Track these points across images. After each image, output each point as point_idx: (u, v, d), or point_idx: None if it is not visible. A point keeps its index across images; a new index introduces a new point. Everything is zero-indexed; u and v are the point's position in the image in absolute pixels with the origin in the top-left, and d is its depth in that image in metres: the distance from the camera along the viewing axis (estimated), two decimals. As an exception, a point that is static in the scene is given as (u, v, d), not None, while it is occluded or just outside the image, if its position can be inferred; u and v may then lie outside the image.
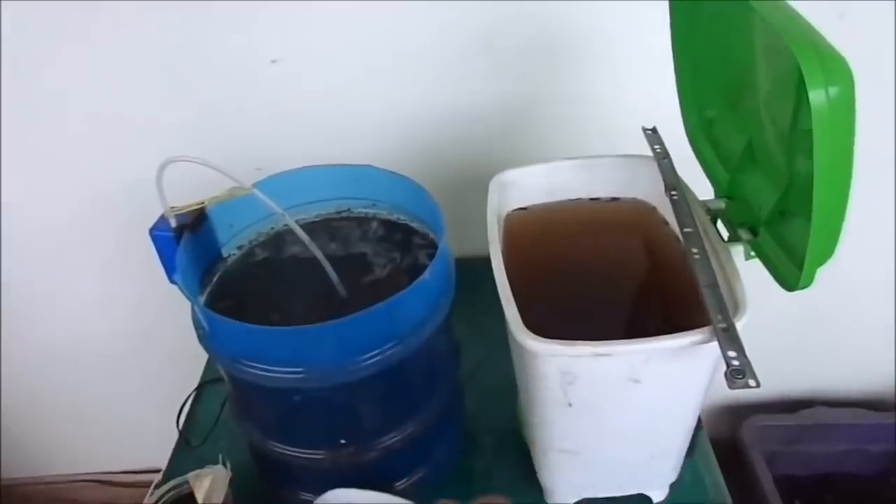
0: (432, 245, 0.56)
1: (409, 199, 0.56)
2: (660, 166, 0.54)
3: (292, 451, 0.52)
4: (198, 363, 0.73)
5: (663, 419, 0.48)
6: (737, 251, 0.47)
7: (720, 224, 0.51)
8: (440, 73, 0.70)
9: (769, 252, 0.45)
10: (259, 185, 0.49)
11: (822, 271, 0.40)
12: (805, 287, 0.41)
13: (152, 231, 0.50)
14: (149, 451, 0.99)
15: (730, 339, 0.39)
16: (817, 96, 0.31)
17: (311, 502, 0.52)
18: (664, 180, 0.52)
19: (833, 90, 0.31)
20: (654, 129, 0.57)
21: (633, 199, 0.58)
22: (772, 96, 0.43)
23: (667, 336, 0.40)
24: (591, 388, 0.44)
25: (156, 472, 0.61)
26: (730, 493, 0.58)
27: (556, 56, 0.69)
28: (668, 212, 0.56)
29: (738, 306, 0.42)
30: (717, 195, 0.52)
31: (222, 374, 0.52)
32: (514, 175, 0.56)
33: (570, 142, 0.73)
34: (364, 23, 0.67)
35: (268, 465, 0.57)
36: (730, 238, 0.48)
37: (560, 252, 0.58)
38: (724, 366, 0.38)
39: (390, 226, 0.58)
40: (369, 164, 0.57)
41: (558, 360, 0.42)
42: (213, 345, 0.48)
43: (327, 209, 0.59)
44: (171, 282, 0.52)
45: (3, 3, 0.65)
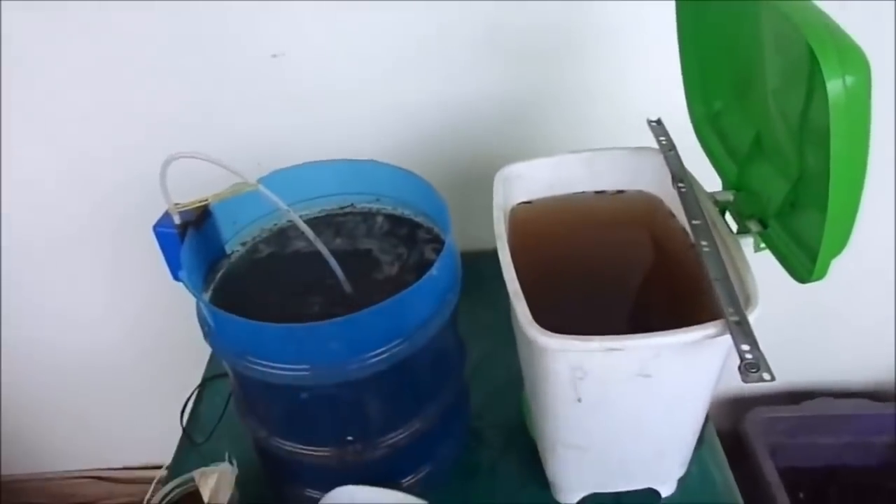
0: (437, 240, 0.55)
1: (413, 194, 0.55)
2: (666, 158, 0.53)
3: (298, 449, 0.51)
4: (200, 360, 0.72)
5: (673, 414, 0.47)
6: (746, 243, 0.47)
7: (728, 216, 0.50)
8: (443, 66, 0.69)
9: (780, 244, 0.45)
10: (262, 181, 0.49)
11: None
12: (819, 279, 0.40)
13: (156, 227, 0.49)
14: (149, 447, 0.99)
15: (743, 332, 0.39)
16: (834, 86, 0.30)
17: (317, 500, 0.52)
18: (671, 172, 0.52)
19: (850, 79, 0.31)
20: (659, 121, 0.57)
21: (639, 191, 0.58)
22: (781, 87, 0.42)
23: (679, 330, 0.40)
24: (600, 384, 0.43)
25: (155, 468, 0.61)
26: (734, 485, 0.58)
27: (560, 49, 0.68)
28: (674, 204, 0.55)
29: (749, 299, 0.41)
30: (725, 187, 0.51)
31: (227, 370, 0.52)
32: (520, 169, 0.56)
33: (575, 135, 0.73)
34: (366, 16, 0.66)
35: (273, 463, 0.57)
36: (739, 230, 0.48)
37: (565, 245, 0.58)
38: (732, 360, 0.38)
39: (395, 220, 0.58)
40: (373, 159, 0.56)
41: (569, 355, 0.41)
42: (219, 342, 0.47)
43: (331, 204, 0.59)
44: (176, 278, 0.51)
45: (2, 1, 0.64)
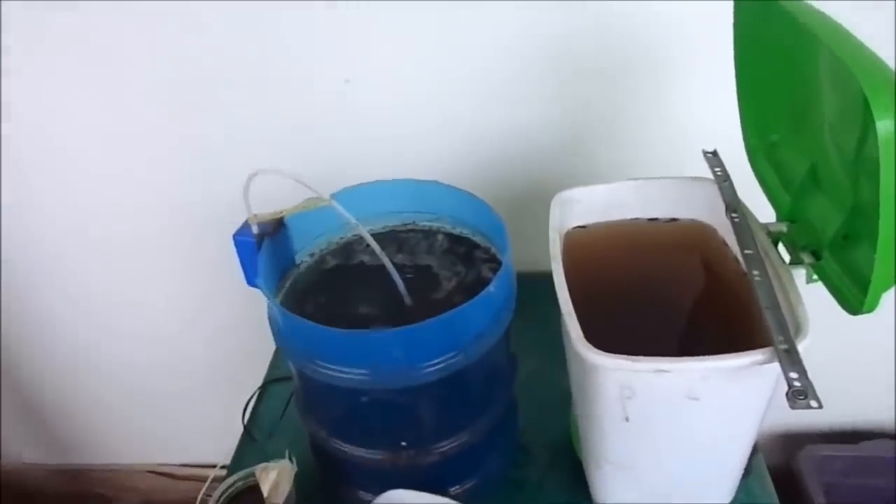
0: (494, 259, 0.58)
1: (473, 214, 0.58)
2: (720, 189, 0.55)
3: (354, 451, 0.54)
4: (262, 363, 0.76)
5: (720, 439, 0.48)
6: (798, 274, 0.47)
7: (781, 247, 0.51)
8: (502, 92, 0.72)
9: (832, 275, 0.45)
10: (334, 197, 0.52)
11: (887, 296, 0.40)
12: (869, 311, 0.41)
13: (236, 236, 0.54)
14: (208, 446, 1.04)
15: (791, 360, 0.40)
16: (884, 126, 0.32)
17: (368, 502, 0.55)
18: (725, 202, 0.53)
19: (901, 119, 0.32)
20: (715, 152, 0.58)
21: (692, 220, 0.59)
22: (837, 122, 0.44)
23: (727, 355, 0.41)
24: (649, 404, 0.45)
25: (211, 466, 0.65)
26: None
27: (617, 77, 0.70)
28: (727, 233, 0.56)
29: (799, 328, 0.42)
30: (779, 218, 0.52)
31: (292, 371, 0.55)
32: (576, 194, 0.58)
33: (629, 162, 0.74)
34: (431, 44, 0.70)
35: (329, 464, 0.60)
36: (791, 261, 0.49)
37: (618, 269, 0.59)
38: (783, 389, 0.39)
39: (454, 239, 0.60)
40: (436, 180, 0.59)
41: (618, 374, 0.43)
42: (288, 343, 0.51)
43: (394, 221, 0.62)
44: (251, 284, 0.55)
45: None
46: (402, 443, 0.53)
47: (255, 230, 0.53)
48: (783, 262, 0.48)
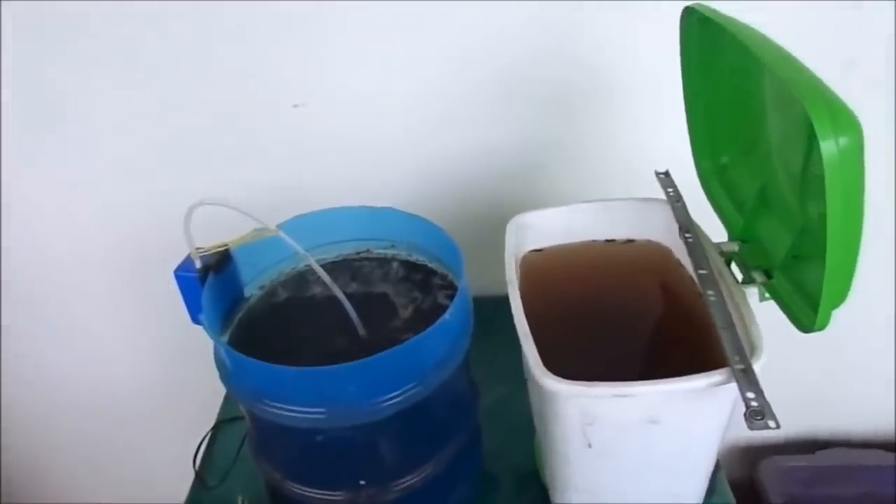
0: (451, 286, 0.57)
1: (428, 240, 0.57)
2: (673, 209, 0.55)
3: (312, 492, 0.52)
4: (214, 402, 0.73)
5: (682, 460, 0.48)
6: (751, 293, 0.48)
7: (734, 266, 0.52)
8: (458, 117, 0.72)
9: (784, 294, 0.46)
10: (282, 227, 0.51)
11: (840, 311, 0.41)
12: (821, 329, 0.41)
13: (177, 272, 0.51)
14: (161, 488, 0.99)
15: (748, 380, 0.40)
16: (828, 146, 0.32)
17: (328, 544, 0.53)
18: (678, 223, 0.53)
19: (843, 140, 0.32)
20: (667, 173, 0.59)
21: (648, 240, 0.59)
22: (784, 143, 0.44)
23: (685, 377, 0.41)
24: (610, 429, 0.44)
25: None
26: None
27: (574, 103, 0.71)
28: (683, 254, 0.56)
29: (754, 347, 0.42)
30: (731, 238, 0.53)
31: (243, 413, 0.53)
32: (531, 218, 0.58)
33: (585, 185, 0.75)
34: (384, 67, 0.69)
35: (286, 506, 0.58)
36: (744, 280, 0.49)
37: (576, 291, 0.59)
38: (741, 407, 0.38)
39: (410, 266, 0.59)
40: (391, 207, 0.58)
41: (578, 400, 0.42)
42: (236, 384, 0.49)
43: (347, 250, 0.61)
44: (195, 322, 0.53)
45: None
46: (361, 481, 0.51)
47: (198, 264, 0.51)
48: (736, 281, 0.49)
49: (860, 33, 0.66)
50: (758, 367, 0.40)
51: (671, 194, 0.57)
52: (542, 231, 0.59)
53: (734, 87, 0.49)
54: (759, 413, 0.38)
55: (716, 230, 0.55)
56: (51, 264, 0.84)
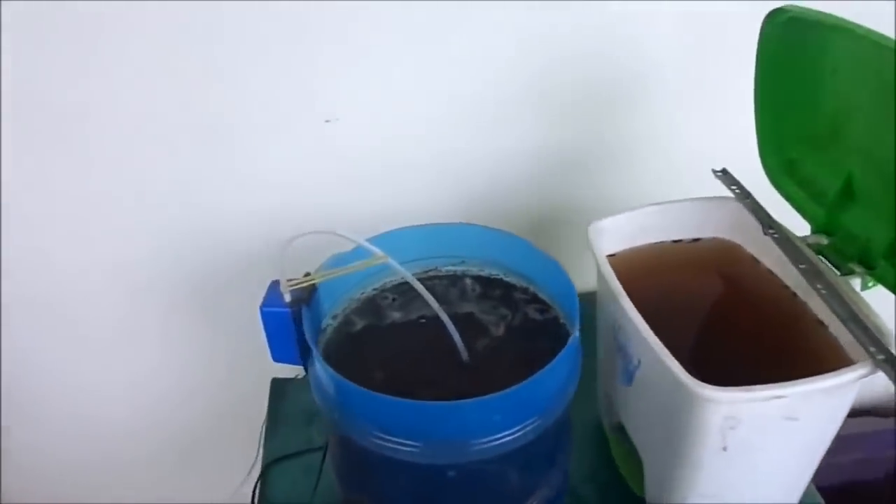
0: (535, 299, 0.55)
1: (509, 255, 0.55)
2: (745, 206, 0.56)
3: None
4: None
5: (805, 457, 0.48)
6: (853, 282, 0.49)
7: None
8: (494, 121, 0.70)
9: (889, 278, 0.47)
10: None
11: None
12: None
13: (264, 308, 0.47)
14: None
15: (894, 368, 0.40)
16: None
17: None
18: (758, 220, 0.54)
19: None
20: (725, 171, 0.60)
21: (713, 238, 0.60)
22: (881, 134, 0.46)
23: (831, 374, 0.41)
24: (749, 430, 0.44)
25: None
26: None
27: (615, 102, 0.71)
28: (756, 249, 0.58)
29: (883, 335, 0.43)
30: (814, 231, 0.54)
31: (333, 445, 0.49)
32: (606, 223, 0.57)
33: (626, 186, 0.75)
34: (417, 75, 0.66)
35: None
36: (842, 272, 0.50)
37: (647, 293, 0.59)
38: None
39: (484, 282, 0.57)
40: (461, 222, 0.56)
41: (726, 406, 0.42)
42: (344, 416, 0.45)
43: (414, 270, 0.57)
44: (278, 360, 0.49)
45: None
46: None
47: (287, 298, 0.47)
48: (835, 273, 0.50)
49: None
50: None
51: (737, 191, 0.58)
52: (616, 235, 0.58)
53: (813, 86, 0.51)
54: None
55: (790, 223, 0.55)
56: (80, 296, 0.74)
